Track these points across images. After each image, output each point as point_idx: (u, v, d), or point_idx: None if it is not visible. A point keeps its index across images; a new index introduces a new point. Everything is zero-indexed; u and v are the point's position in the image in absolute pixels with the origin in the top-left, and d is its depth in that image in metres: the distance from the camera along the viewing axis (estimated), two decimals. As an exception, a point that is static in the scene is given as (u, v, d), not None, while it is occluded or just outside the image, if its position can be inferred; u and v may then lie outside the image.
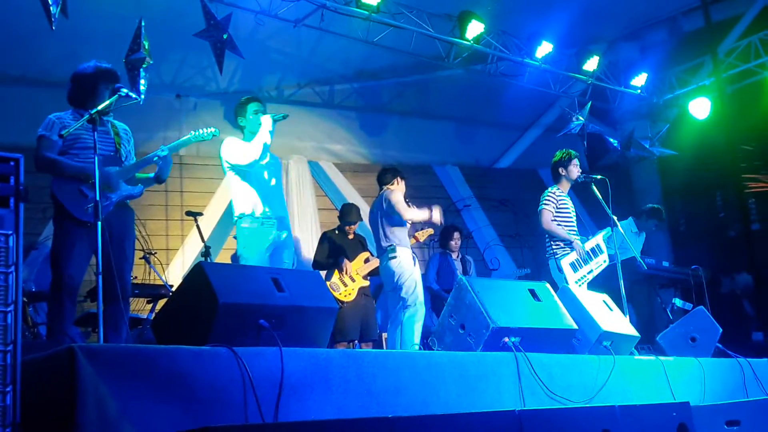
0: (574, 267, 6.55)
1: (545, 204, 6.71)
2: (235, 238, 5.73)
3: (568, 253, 6.59)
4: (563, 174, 6.85)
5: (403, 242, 6.56)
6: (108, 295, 4.22)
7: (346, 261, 7.45)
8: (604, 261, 6.70)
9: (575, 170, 6.84)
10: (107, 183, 4.52)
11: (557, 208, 6.71)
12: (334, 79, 9.58)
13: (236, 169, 5.63)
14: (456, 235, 8.72)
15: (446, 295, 8.08)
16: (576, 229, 6.82)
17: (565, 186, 6.88)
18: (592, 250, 6.70)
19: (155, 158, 4.74)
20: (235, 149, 5.61)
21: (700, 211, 10.74)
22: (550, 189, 6.84)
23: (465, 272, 8.65)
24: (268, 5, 7.37)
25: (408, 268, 6.44)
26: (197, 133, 4.94)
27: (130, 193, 4.75)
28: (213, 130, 5.00)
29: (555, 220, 6.67)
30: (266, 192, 5.65)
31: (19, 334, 2.61)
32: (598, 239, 6.80)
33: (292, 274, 3.91)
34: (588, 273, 6.59)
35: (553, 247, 6.67)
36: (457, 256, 8.76)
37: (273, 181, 5.75)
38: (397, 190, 6.70)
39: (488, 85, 9.59)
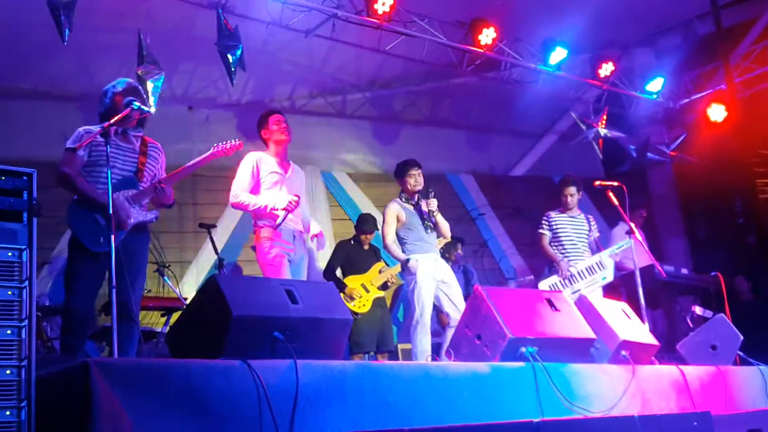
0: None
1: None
2: (252, 248, 5.70)
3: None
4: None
5: (415, 249, 6.25)
6: (119, 313, 4.14)
7: (349, 284, 7.42)
8: (603, 278, 6.92)
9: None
10: (117, 212, 4.34)
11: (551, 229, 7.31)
12: (346, 89, 9.59)
13: None
14: (458, 245, 8.59)
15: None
16: (575, 246, 7.19)
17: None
18: (588, 269, 7.03)
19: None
20: (241, 182, 5.62)
21: (719, 217, 10.61)
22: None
23: (468, 283, 8.47)
24: (279, 16, 7.38)
25: (414, 275, 6.18)
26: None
27: (143, 219, 4.63)
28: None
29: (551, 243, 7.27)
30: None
31: (34, 349, 2.62)
32: (593, 260, 7.05)
33: (306, 286, 3.89)
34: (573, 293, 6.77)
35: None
36: (459, 268, 8.60)
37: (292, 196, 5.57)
38: (394, 204, 6.38)
39: (502, 93, 9.56)
